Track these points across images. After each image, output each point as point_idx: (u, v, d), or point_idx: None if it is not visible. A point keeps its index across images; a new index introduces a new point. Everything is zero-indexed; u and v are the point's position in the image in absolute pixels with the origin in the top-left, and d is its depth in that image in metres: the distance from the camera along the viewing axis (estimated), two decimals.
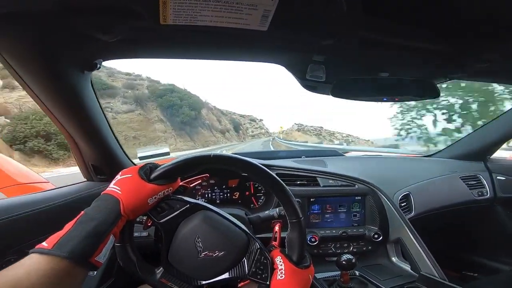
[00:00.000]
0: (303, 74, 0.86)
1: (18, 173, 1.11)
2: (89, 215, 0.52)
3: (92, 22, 0.56)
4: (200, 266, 0.63)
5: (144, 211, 0.60)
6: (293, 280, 0.62)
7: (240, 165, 0.67)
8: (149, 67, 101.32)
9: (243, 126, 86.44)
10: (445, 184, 1.45)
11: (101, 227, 0.50)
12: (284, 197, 0.66)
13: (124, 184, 0.57)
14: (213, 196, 1.22)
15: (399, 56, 0.84)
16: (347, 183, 1.17)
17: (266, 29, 0.62)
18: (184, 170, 0.65)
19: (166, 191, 0.62)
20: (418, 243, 1.02)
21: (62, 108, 0.78)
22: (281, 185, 0.66)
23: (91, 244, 0.48)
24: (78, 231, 0.49)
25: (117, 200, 0.54)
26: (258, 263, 0.65)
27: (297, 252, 0.66)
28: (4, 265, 0.74)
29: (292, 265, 0.64)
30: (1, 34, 0.55)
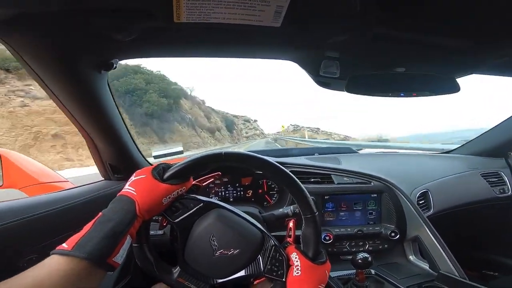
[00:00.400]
0: (316, 70, 0.84)
1: (39, 172, 1.15)
2: (106, 216, 0.53)
3: (107, 22, 0.57)
4: (215, 264, 0.63)
5: (159, 211, 0.60)
6: (309, 276, 0.62)
7: (251, 162, 0.66)
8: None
9: (237, 126, 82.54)
10: (465, 181, 1.40)
11: (118, 227, 0.51)
12: (297, 192, 0.66)
13: (139, 185, 0.58)
14: (227, 194, 1.23)
15: (416, 51, 0.81)
16: (363, 181, 1.15)
17: (279, 25, 0.62)
18: (195, 169, 0.65)
19: (179, 190, 0.62)
20: (438, 242, 1.00)
21: (80, 108, 0.80)
22: (293, 180, 0.66)
23: (109, 244, 0.49)
24: (96, 232, 0.50)
25: (133, 200, 0.55)
26: (274, 260, 0.65)
27: (313, 248, 0.65)
28: (26, 264, 0.78)
29: (308, 261, 0.63)
30: (20, 35, 0.57)
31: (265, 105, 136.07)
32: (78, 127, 0.87)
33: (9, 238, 0.77)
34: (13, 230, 0.77)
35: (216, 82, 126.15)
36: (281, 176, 0.66)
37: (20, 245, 0.79)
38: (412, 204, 1.08)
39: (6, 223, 0.76)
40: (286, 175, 0.65)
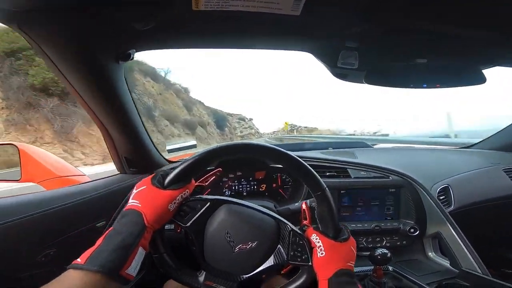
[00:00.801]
0: (334, 61, 0.82)
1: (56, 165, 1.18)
2: (116, 230, 0.54)
3: (127, 11, 0.57)
4: (237, 260, 0.63)
5: (168, 218, 0.61)
6: (334, 255, 0.61)
7: (248, 150, 0.65)
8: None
9: (231, 124, 75.03)
10: (487, 176, 1.34)
11: (127, 240, 0.52)
12: (302, 172, 0.65)
13: (141, 196, 0.59)
14: (240, 189, 1.22)
15: (439, 42, 0.78)
16: (381, 175, 1.12)
17: (299, 13, 0.60)
18: (194, 169, 0.64)
19: (183, 194, 0.62)
20: (460, 238, 0.97)
21: (98, 99, 0.80)
22: (296, 160, 0.64)
23: (120, 256, 0.50)
24: (107, 245, 0.51)
25: (139, 212, 0.56)
26: (295, 246, 0.64)
27: (331, 225, 0.64)
28: (44, 259, 0.80)
29: (330, 240, 0.62)
30: (39, 25, 0.57)
31: (261, 103, 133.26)
32: (95, 119, 0.87)
33: (27, 232, 0.78)
34: (31, 224, 0.78)
35: (210, 77, 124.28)
36: (282, 158, 0.65)
37: (38, 239, 0.80)
38: (434, 199, 1.05)
39: (24, 217, 0.77)
40: (287, 156, 0.64)
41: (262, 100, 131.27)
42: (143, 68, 23.84)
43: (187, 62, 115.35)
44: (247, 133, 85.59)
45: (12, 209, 0.78)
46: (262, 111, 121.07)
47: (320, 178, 0.65)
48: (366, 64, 0.82)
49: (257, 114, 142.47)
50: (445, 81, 0.85)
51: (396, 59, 0.87)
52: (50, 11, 0.53)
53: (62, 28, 0.59)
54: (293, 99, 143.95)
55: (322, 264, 0.60)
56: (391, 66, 0.86)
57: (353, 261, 0.63)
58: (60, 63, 0.67)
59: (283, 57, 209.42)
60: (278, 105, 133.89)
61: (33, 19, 0.55)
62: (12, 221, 0.75)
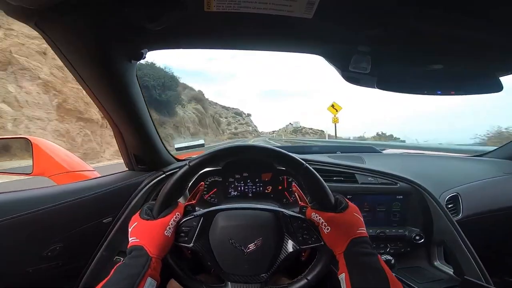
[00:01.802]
0: (346, 65, 0.81)
1: (68, 160, 1.19)
2: (125, 263, 0.58)
3: (140, 11, 0.57)
4: (252, 261, 0.64)
5: (169, 243, 0.63)
6: (339, 227, 0.61)
7: (216, 157, 0.67)
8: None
9: (224, 120, 71.07)
10: (499, 186, 1.32)
11: (134, 270, 0.56)
12: (277, 157, 0.66)
13: (137, 232, 0.63)
14: (246, 190, 1.22)
15: (455, 48, 0.76)
16: (388, 181, 1.11)
17: (311, 16, 0.59)
18: (174, 192, 0.66)
19: (175, 217, 0.65)
20: (466, 247, 0.95)
21: (110, 96, 0.82)
22: (265, 148, 0.66)
23: (127, 286, 0.53)
24: (115, 277, 0.55)
25: (140, 246, 0.60)
26: (301, 230, 0.64)
27: (326, 198, 0.64)
28: (50, 253, 0.81)
29: (329, 214, 0.62)
30: (56, 24, 0.58)
31: (261, 98, 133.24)
32: (106, 116, 0.88)
33: (36, 227, 0.80)
34: (40, 219, 0.80)
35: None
36: (255, 152, 0.66)
37: (46, 234, 0.82)
38: (441, 207, 1.03)
39: (33, 212, 0.79)
40: (257, 149, 0.66)
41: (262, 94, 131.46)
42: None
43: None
44: (243, 130, 77.70)
45: (22, 203, 0.80)
46: (262, 106, 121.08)
47: (297, 156, 0.65)
48: (379, 69, 0.80)
49: (257, 111, 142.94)
50: (460, 88, 0.83)
51: (410, 64, 0.86)
52: (66, 10, 0.54)
53: (76, 27, 0.60)
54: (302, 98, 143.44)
55: (332, 239, 0.61)
56: (405, 71, 0.84)
57: (362, 227, 0.62)
58: (75, 60, 0.69)
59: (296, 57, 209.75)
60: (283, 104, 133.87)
61: (50, 18, 0.56)
62: (22, 215, 0.77)
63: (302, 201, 0.73)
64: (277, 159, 0.67)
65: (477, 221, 1.18)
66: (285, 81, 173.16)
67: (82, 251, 0.90)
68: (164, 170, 1.06)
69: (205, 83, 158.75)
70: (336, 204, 0.64)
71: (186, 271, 0.66)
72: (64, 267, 0.86)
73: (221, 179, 1.19)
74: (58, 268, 0.85)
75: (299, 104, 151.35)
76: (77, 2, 0.53)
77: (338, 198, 0.66)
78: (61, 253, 0.84)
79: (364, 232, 0.61)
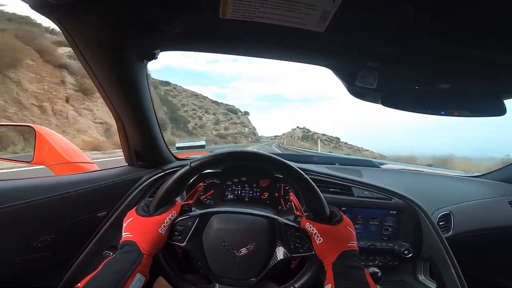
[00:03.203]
0: (353, 79, 0.82)
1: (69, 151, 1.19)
2: (115, 258, 0.58)
3: (157, 13, 0.58)
4: (243, 265, 0.64)
5: (162, 241, 0.64)
6: (331, 238, 0.62)
7: (217, 160, 0.68)
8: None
9: (210, 117, 58.31)
10: (491, 207, 1.35)
11: (124, 266, 0.56)
12: (280, 167, 0.67)
13: (131, 227, 0.63)
14: (243, 194, 1.22)
15: (464, 68, 0.77)
16: (384, 196, 1.12)
17: (323, 30, 0.60)
18: (173, 191, 0.67)
19: (171, 216, 0.65)
20: (452, 263, 0.98)
21: (118, 93, 0.83)
22: (267, 156, 0.67)
23: (115, 281, 0.53)
24: (104, 271, 0.55)
25: (133, 242, 0.60)
26: (294, 238, 0.65)
27: (321, 210, 0.65)
28: (40, 244, 0.80)
29: (323, 225, 0.63)
30: (74, 18, 0.59)
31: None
32: (112, 110, 0.89)
33: (28, 217, 0.79)
34: (34, 209, 0.80)
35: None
36: (259, 159, 0.67)
37: (38, 224, 0.81)
38: (433, 225, 1.05)
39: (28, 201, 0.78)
40: (261, 156, 0.67)
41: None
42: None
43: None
44: (236, 132, 60.18)
45: (18, 192, 0.79)
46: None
47: (297, 168, 0.66)
48: (385, 85, 0.81)
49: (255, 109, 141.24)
50: (464, 109, 0.84)
51: (416, 82, 0.87)
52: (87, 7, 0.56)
53: (95, 24, 0.61)
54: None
55: (323, 250, 0.61)
56: (410, 89, 0.85)
57: (353, 241, 0.63)
58: (89, 55, 0.70)
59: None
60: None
61: (71, 13, 0.57)
62: (15, 205, 0.77)
63: (297, 210, 0.74)
64: (277, 167, 0.67)
65: (465, 239, 1.21)
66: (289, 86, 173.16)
67: (73, 243, 0.90)
68: (164, 168, 1.06)
69: (205, 85, 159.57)
70: (331, 216, 0.65)
71: (175, 269, 0.67)
72: (51, 258, 0.85)
73: (219, 182, 1.19)
74: (46, 259, 0.84)
75: (301, 110, 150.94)
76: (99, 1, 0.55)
77: (333, 211, 0.67)
78: (51, 245, 0.83)
79: (354, 245, 0.62)
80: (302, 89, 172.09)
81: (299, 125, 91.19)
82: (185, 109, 58.02)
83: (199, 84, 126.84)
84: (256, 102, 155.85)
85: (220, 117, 64.86)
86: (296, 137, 74.58)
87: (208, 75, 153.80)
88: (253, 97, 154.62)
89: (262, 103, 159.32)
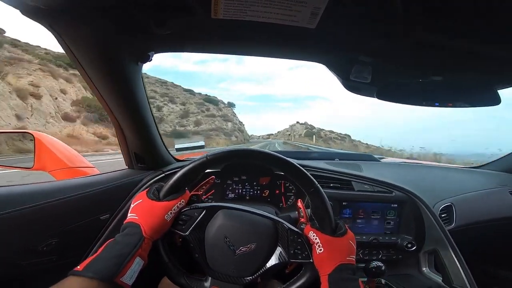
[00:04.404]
0: (347, 74, 0.83)
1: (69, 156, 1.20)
2: (116, 240, 0.58)
3: (149, 15, 0.59)
4: (239, 263, 0.64)
5: (165, 227, 0.64)
6: (332, 250, 0.62)
7: (235, 156, 0.68)
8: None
9: (175, 108, 43.38)
10: (492, 197, 1.35)
11: (124, 249, 0.55)
12: (292, 170, 0.67)
13: (139, 209, 0.63)
14: (243, 192, 1.23)
15: (456, 60, 0.77)
16: (384, 190, 1.12)
17: (315, 27, 0.61)
18: (186, 179, 0.67)
19: (179, 204, 0.65)
20: (456, 256, 0.98)
21: (115, 96, 0.83)
22: (284, 160, 0.66)
23: (116, 264, 0.53)
24: (105, 254, 0.55)
25: (137, 224, 0.60)
26: (294, 244, 0.65)
27: (327, 221, 0.65)
28: (45, 248, 0.82)
29: (326, 236, 0.63)
30: (66, 23, 0.60)
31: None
32: (110, 114, 0.90)
33: (33, 221, 0.81)
34: (38, 213, 0.81)
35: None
36: (272, 160, 0.67)
37: (42, 228, 0.83)
38: (435, 217, 1.05)
39: (31, 206, 0.80)
40: (275, 157, 0.67)
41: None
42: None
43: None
44: (211, 128, 42.36)
45: (20, 197, 0.81)
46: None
47: (311, 177, 0.66)
48: (379, 79, 0.82)
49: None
50: (458, 100, 0.84)
51: (410, 75, 0.87)
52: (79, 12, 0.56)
53: (88, 29, 0.62)
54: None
55: (322, 260, 0.62)
56: (404, 82, 0.85)
57: (353, 255, 0.63)
58: (84, 60, 0.70)
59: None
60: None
61: (63, 19, 0.57)
62: (20, 210, 0.78)
63: (303, 217, 0.74)
64: (291, 172, 0.67)
65: (468, 230, 1.21)
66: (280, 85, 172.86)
67: (77, 246, 0.91)
68: (164, 170, 1.07)
69: (194, 85, 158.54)
70: (335, 228, 0.65)
71: (171, 257, 0.67)
72: (58, 262, 0.86)
73: (219, 181, 1.20)
74: (52, 262, 0.85)
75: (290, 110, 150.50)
76: (89, 5, 0.55)
77: (339, 223, 0.67)
78: (56, 248, 0.85)
79: (353, 259, 0.63)
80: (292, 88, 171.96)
81: (299, 120, 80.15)
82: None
83: (188, 86, 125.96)
84: (247, 102, 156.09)
85: (191, 108, 47.11)
86: (297, 134, 64.91)
87: (196, 75, 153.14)
88: (242, 97, 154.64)
89: (252, 103, 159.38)
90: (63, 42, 0.63)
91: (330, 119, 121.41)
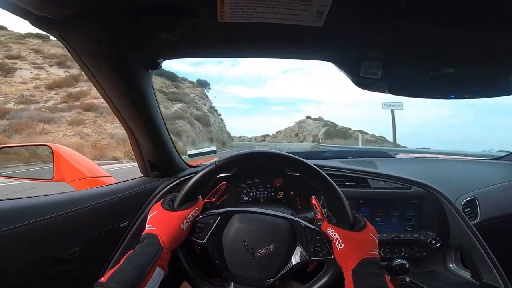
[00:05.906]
0: (356, 71, 0.82)
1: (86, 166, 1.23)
2: (136, 251, 0.60)
3: (155, 20, 0.60)
4: (260, 266, 0.64)
5: (182, 236, 0.65)
6: (353, 245, 0.61)
7: (246, 160, 0.69)
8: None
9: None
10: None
11: (144, 260, 0.57)
12: (302, 168, 0.67)
13: (155, 220, 0.65)
14: (258, 195, 1.22)
15: (467, 51, 0.75)
16: (402, 186, 1.09)
17: (322, 25, 0.60)
18: (198, 188, 0.69)
19: (193, 212, 0.67)
20: (484, 251, 0.94)
21: (127, 105, 0.85)
22: (293, 158, 0.66)
23: (137, 275, 0.54)
24: (126, 265, 0.56)
25: (154, 235, 0.62)
26: (313, 242, 0.65)
27: (344, 215, 0.64)
28: (70, 256, 0.84)
29: (345, 231, 0.62)
30: (76, 31, 0.61)
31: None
32: (123, 123, 0.92)
33: (57, 230, 0.83)
34: (62, 223, 0.84)
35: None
36: (282, 160, 0.68)
37: (67, 237, 0.85)
38: (458, 212, 1.01)
39: (56, 215, 0.82)
40: (285, 157, 0.67)
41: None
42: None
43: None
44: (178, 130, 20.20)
45: (44, 208, 0.83)
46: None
47: (321, 171, 0.66)
48: (390, 74, 0.80)
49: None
50: (474, 91, 0.82)
51: (421, 68, 0.85)
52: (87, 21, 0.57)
53: (97, 37, 0.63)
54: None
55: (343, 256, 0.61)
56: (416, 75, 0.84)
57: (375, 248, 0.62)
58: (94, 69, 0.71)
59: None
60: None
61: (72, 28, 0.59)
62: (45, 219, 0.81)
63: (319, 214, 0.74)
64: (301, 170, 0.67)
65: (495, 225, 1.16)
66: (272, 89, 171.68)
67: (99, 254, 0.93)
68: (178, 176, 1.08)
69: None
70: (354, 222, 0.64)
71: (192, 265, 0.68)
72: (82, 269, 0.89)
73: (233, 185, 1.20)
74: (77, 270, 0.88)
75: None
76: (97, 14, 0.56)
77: (357, 217, 0.66)
78: (80, 256, 0.87)
79: (376, 253, 0.62)
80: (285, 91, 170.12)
81: (311, 114, 62.56)
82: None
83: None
84: (241, 105, 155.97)
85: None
86: (311, 135, 46.99)
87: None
88: (236, 100, 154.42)
89: (246, 106, 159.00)
90: (72, 51, 0.64)
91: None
